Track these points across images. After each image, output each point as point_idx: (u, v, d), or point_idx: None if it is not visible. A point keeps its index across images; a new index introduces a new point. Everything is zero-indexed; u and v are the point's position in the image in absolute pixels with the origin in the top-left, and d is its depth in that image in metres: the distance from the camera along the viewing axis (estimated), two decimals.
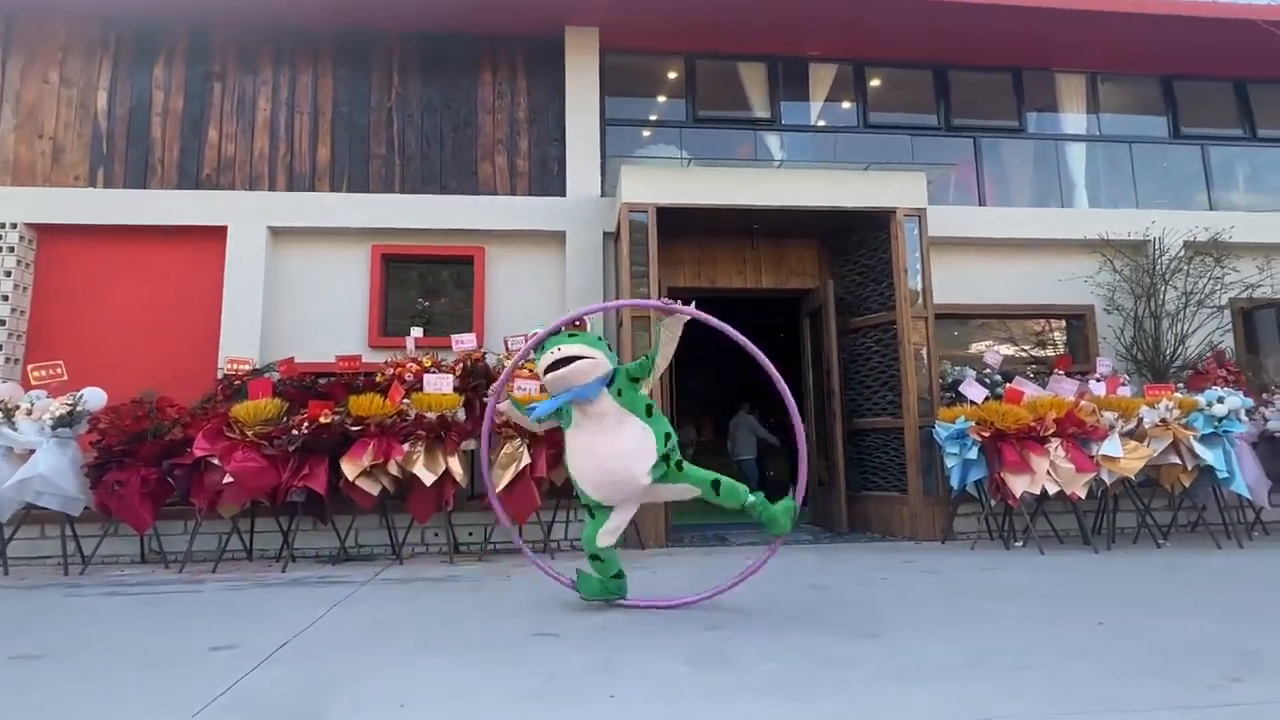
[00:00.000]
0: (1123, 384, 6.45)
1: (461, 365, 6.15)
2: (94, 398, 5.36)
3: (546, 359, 3.57)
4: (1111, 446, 5.69)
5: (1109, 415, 5.80)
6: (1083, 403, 5.91)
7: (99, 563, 5.42)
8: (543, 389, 4.22)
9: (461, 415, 5.71)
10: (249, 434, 5.25)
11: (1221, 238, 7.33)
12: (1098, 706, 2.36)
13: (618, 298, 6.86)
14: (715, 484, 3.67)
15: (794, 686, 2.57)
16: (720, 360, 12.06)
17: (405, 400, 5.68)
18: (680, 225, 6.82)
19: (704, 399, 11.92)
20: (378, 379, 6.00)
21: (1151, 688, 2.53)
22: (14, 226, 6.62)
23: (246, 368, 6.20)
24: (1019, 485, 5.62)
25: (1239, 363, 7.51)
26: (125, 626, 3.61)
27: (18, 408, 5.15)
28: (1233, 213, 8.09)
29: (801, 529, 7.21)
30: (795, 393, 8.22)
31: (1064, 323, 8.10)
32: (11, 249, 6.57)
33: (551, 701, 2.47)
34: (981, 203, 8.05)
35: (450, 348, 6.33)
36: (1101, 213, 7.92)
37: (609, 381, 3.63)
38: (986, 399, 6.16)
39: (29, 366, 5.49)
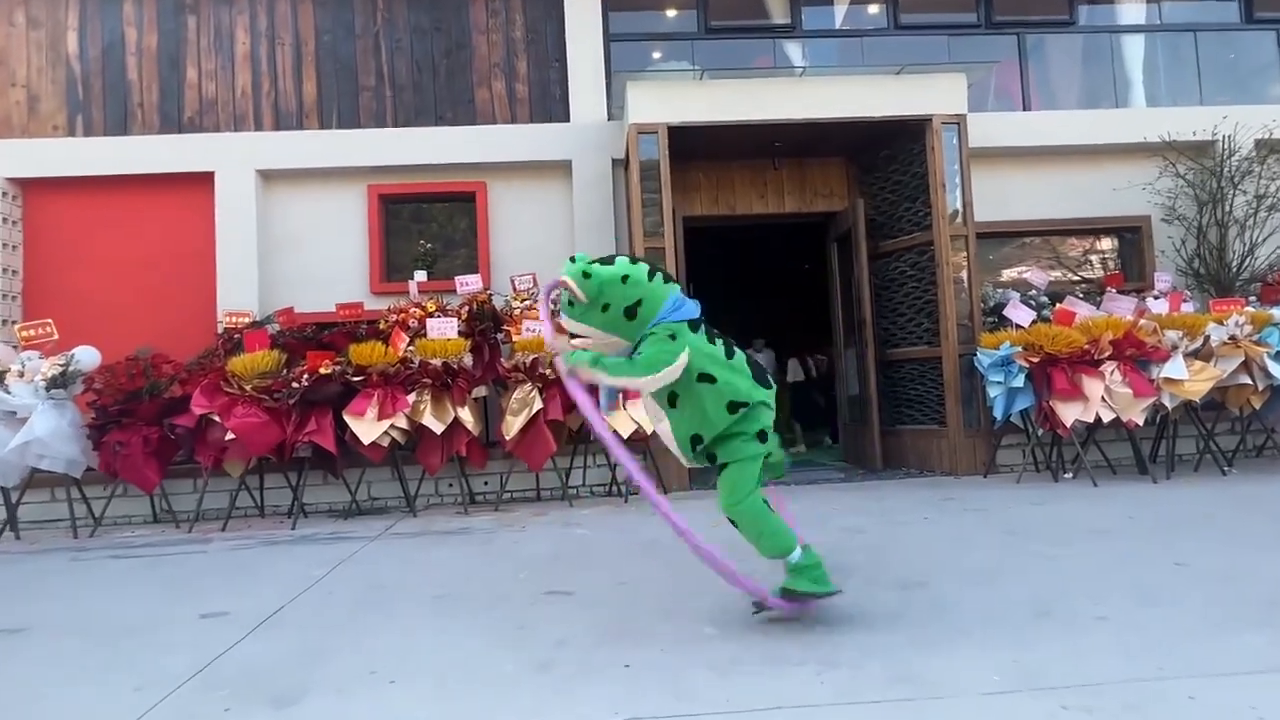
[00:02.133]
0: (1184, 300, 5.89)
1: (468, 308, 5.82)
2: (86, 357, 5.15)
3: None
4: (1175, 368, 5.19)
5: (1172, 335, 5.29)
6: (1142, 322, 5.38)
7: (110, 524, 5.32)
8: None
9: (469, 360, 5.40)
10: (247, 388, 5.01)
11: None
12: (1192, 668, 2.01)
13: (630, 230, 6.40)
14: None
15: (831, 649, 2.26)
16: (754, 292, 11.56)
17: (409, 347, 5.38)
18: (694, 147, 6.26)
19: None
20: (381, 326, 5.71)
21: (1253, 642, 2.17)
22: None
23: (246, 320, 5.94)
24: (1070, 413, 5.19)
25: None
26: (121, 592, 3.44)
27: (9, 370, 4.95)
28: None
29: (832, 466, 6.89)
30: (824, 324, 7.90)
31: (1114, 239, 7.45)
32: None
33: (558, 672, 2.20)
34: (1025, 108, 7.31)
35: (455, 290, 5.98)
36: (1162, 112, 7.13)
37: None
38: (1034, 322, 5.66)
39: (16, 326, 5.27)
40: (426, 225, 6.97)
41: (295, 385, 5.03)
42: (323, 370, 5.11)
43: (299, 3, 6.82)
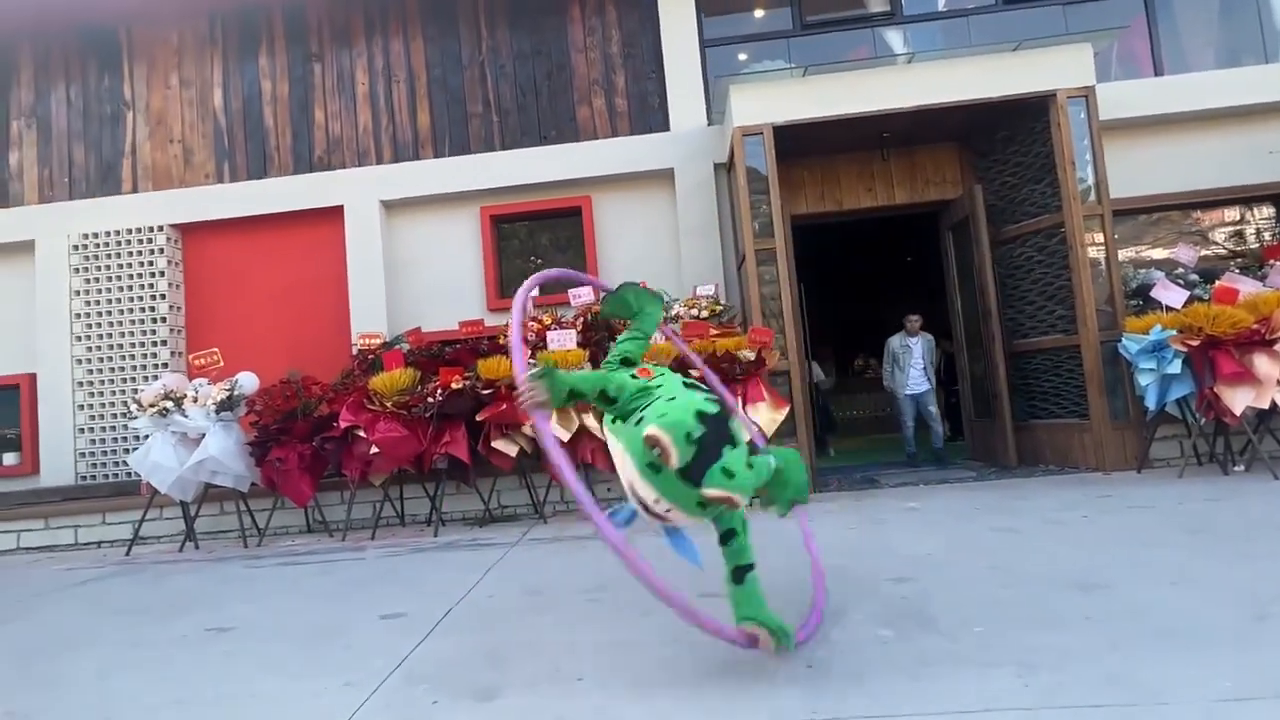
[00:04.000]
0: None
1: (582, 319, 5.98)
2: (248, 381, 5.63)
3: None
4: None
5: None
6: None
7: (271, 534, 5.78)
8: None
9: (588, 370, 5.53)
10: (388, 404, 5.33)
11: None
12: None
13: (736, 233, 6.38)
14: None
15: (1024, 652, 2.16)
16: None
17: (531, 360, 5.58)
18: (798, 144, 6.19)
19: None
20: (500, 341, 5.95)
21: None
22: (161, 229, 7.05)
23: (377, 341, 6.34)
24: (1240, 400, 4.74)
25: None
26: (301, 597, 3.73)
27: (185, 396, 5.49)
28: None
29: (960, 465, 6.59)
30: (945, 318, 7.57)
31: (1270, 206, 6.76)
32: (162, 250, 7.01)
33: (746, 674, 2.20)
34: (1157, 73, 6.77)
35: (568, 303, 6.16)
36: None
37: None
38: (1187, 303, 5.22)
39: (191, 355, 5.83)
40: (536, 241, 7.21)
41: (430, 400, 5.31)
42: (454, 385, 5.37)
43: (411, 40, 7.25)
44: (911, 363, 7.08)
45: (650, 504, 2.01)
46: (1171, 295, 5.30)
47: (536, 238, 7.21)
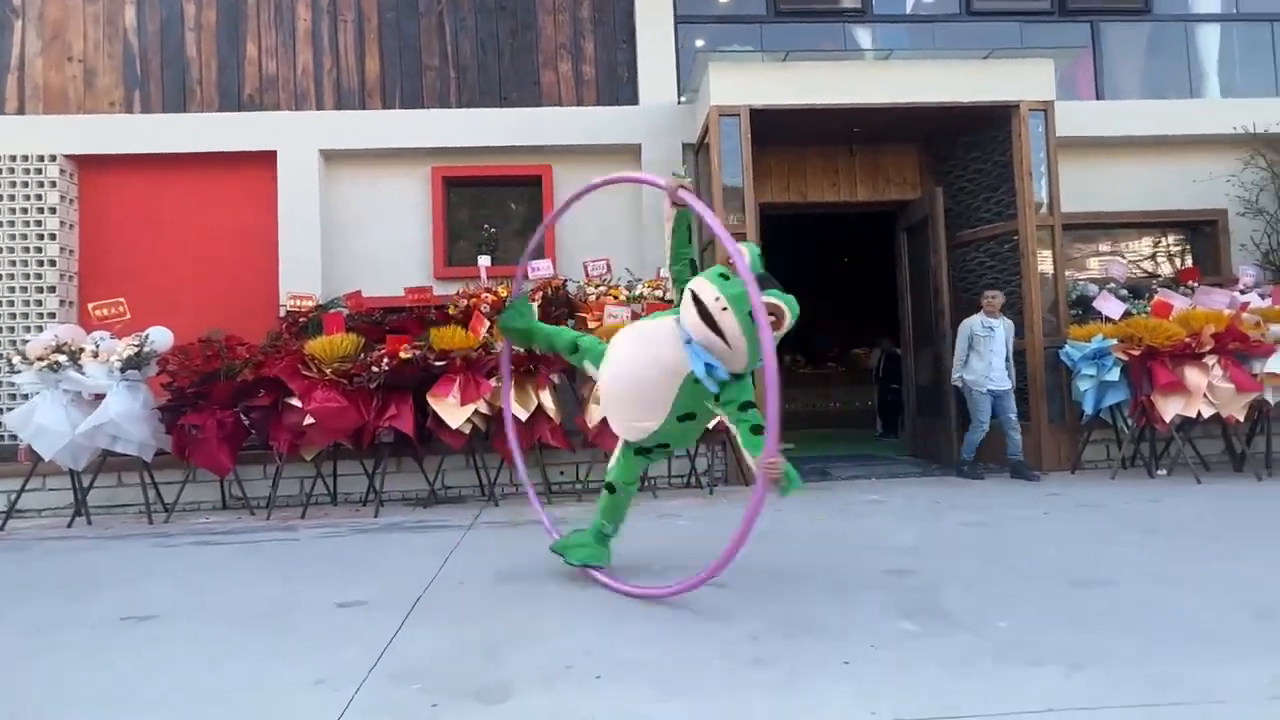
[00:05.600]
0: (1262, 295, 5.75)
1: (541, 294, 5.66)
2: (160, 337, 4.99)
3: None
4: (1278, 363, 5.06)
5: (1276, 328, 5.15)
6: (1244, 315, 5.25)
7: (181, 510, 5.16)
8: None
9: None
10: (327, 371, 4.85)
11: None
12: None
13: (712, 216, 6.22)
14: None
15: (1059, 649, 2.11)
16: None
17: (487, 333, 5.23)
18: (770, 131, 6.08)
19: None
20: (450, 311, 5.55)
21: None
22: (53, 159, 6.14)
23: (310, 304, 5.79)
24: (1171, 408, 5.06)
25: None
26: (231, 580, 3.29)
27: (82, 350, 4.78)
28: None
29: (906, 461, 6.75)
30: (894, 316, 7.73)
31: (1186, 232, 7.30)
32: (53, 183, 6.11)
33: (777, 668, 2.05)
34: (1099, 97, 7.15)
35: (526, 276, 5.81)
36: (1244, 103, 6.97)
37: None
38: (1125, 315, 5.52)
39: (90, 305, 5.10)
40: (492, 208, 6.80)
41: (376, 370, 4.87)
42: (403, 354, 4.95)
43: None
44: (993, 349, 5.51)
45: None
46: (1111, 307, 5.60)
47: (492, 205, 6.80)
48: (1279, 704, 1.75)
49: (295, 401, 4.86)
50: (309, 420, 4.80)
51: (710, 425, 3.09)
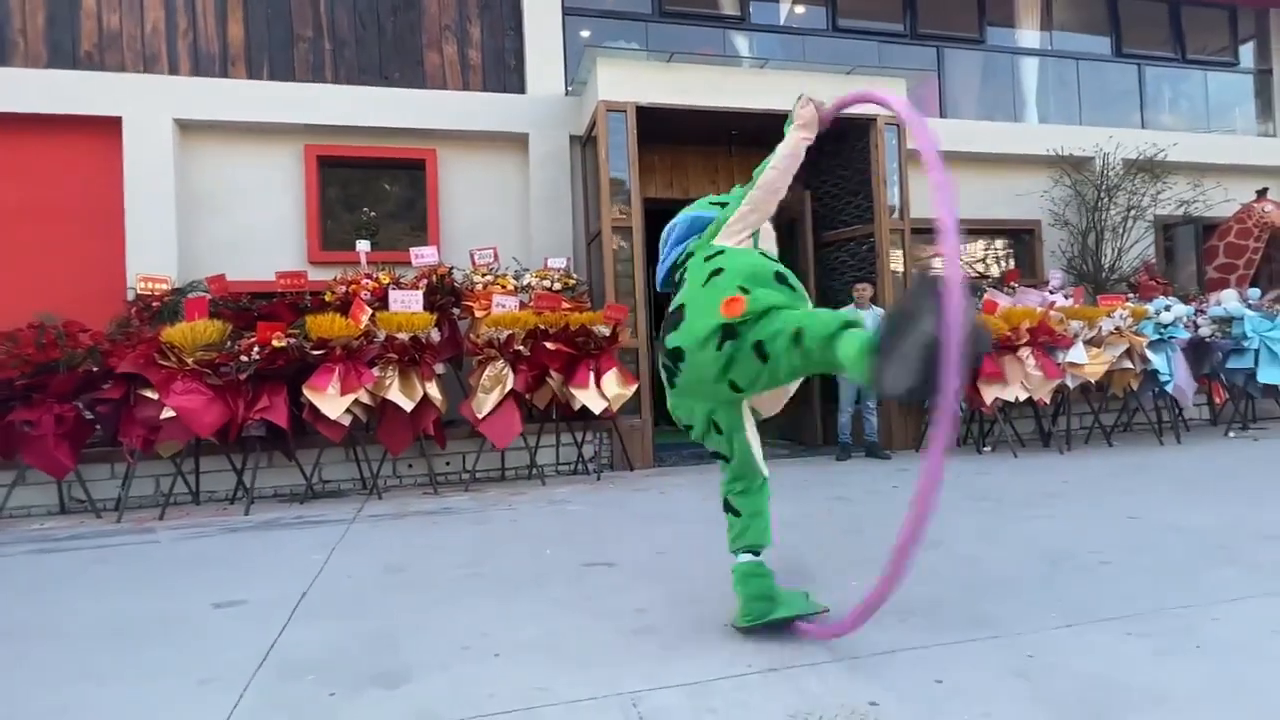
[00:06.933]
0: (1065, 296, 6.75)
1: (426, 281, 5.56)
2: None
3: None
4: (1077, 354, 5.97)
5: (1075, 324, 6.05)
6: (1052, 313, 6.12)
7: (9, 515, 4.62)
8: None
9: (435, 335, 5.18)
10: (188, 361, 4.52)
11: (1160, 156, 7.67)
12: (1202, 597, 2.41)
13: (589, 209, 6.36)
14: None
15: (898, 602, 2.45)
16: None
17: (369, 321, 5.07)
18: (653, 128, 6.30)
19: None
20: (326, 298, 5.33)
21: (1228, 577, 2.62)
22: None
23: (164, 287, 5.35)
24: (992, 393, 5.82)
25: (1162, 274, 8.05)
26: (86, 590, 3.04)
27: None
28: (1174, 133, 8.44)
29: (777, 444, 7.26)
30: None
31: (1010, 240, 8.36)
32: None
33: (659, 639, 2.24)
34: (942, 115, 8.00)
35: (408, 263, 5.69)
36: (1056, 128, 8.07)
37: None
38: None
39: None
40: (372, 192, 6.55)
41: (245, 359, 4.61)
42: (275, 343, 4.71)
43: None
44: None
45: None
46: None
47: (372, 188, 6.55)
48: (1065, 632, 2.17)
49: (151, 394, 4.49)
50: (168, 414, 4.46)
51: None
